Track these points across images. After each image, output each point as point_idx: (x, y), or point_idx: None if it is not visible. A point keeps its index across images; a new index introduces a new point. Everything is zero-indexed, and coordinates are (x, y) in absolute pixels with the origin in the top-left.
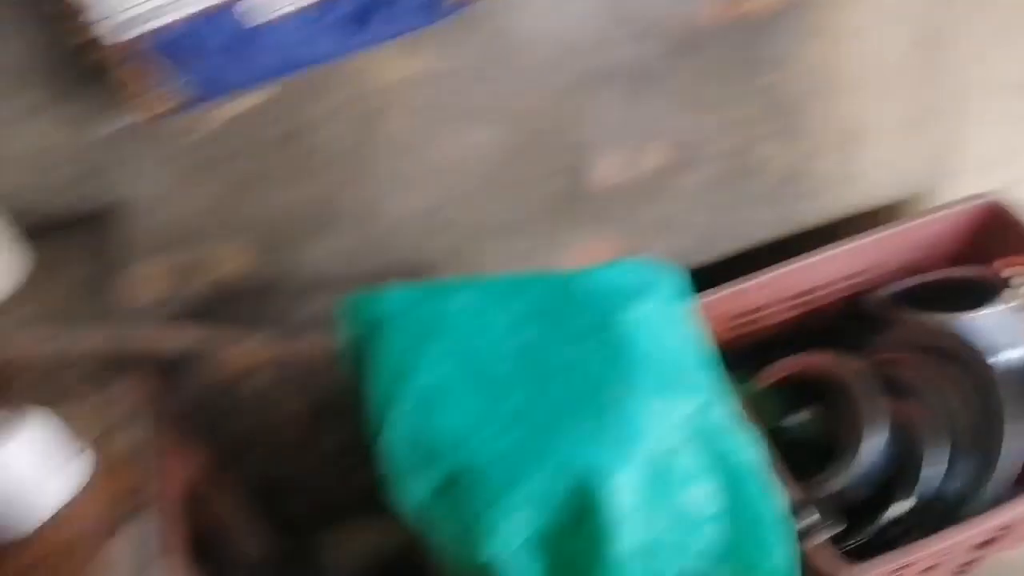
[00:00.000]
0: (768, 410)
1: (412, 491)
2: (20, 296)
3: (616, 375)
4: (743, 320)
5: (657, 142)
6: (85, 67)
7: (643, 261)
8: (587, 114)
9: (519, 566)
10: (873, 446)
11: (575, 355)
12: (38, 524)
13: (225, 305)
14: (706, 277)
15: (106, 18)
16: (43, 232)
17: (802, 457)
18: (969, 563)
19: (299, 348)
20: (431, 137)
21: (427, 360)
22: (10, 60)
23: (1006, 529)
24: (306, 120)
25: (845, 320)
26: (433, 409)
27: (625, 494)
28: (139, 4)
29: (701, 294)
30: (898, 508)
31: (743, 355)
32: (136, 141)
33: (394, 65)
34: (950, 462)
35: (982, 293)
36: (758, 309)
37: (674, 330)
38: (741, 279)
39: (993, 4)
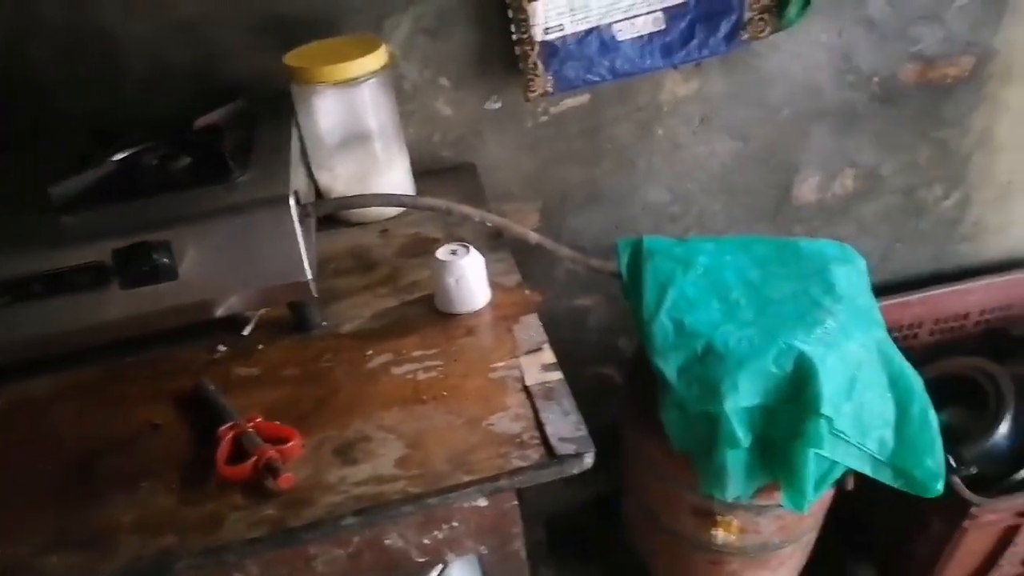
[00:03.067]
0: None
1: (672, 360)
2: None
3: (825, 303)
4: (902, 335)
5: (849, 172)
6: (506, 58)
7: (842, 244)
8: (802, 142)
9: (746, 421)
10: (1005, 430)
11: (794, 288)
12: (479, 306)
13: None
14: None
15: (536, 24)
16: (431, 173)
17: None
18: None
19: (592, 263)
20: (688, 143)
21: (682, 280)
22: (457, 48)
23: None
24: (606, 118)
25: (987, 345)
26: (688, 310)
27: (831, 382)
28: (558, 17)
29: None
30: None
31: None
32: (499, 119)
33: (680, 84)
34: None
35: None
36: (915, 326)
37: (863, 290)
38: (901, 294)
39: None
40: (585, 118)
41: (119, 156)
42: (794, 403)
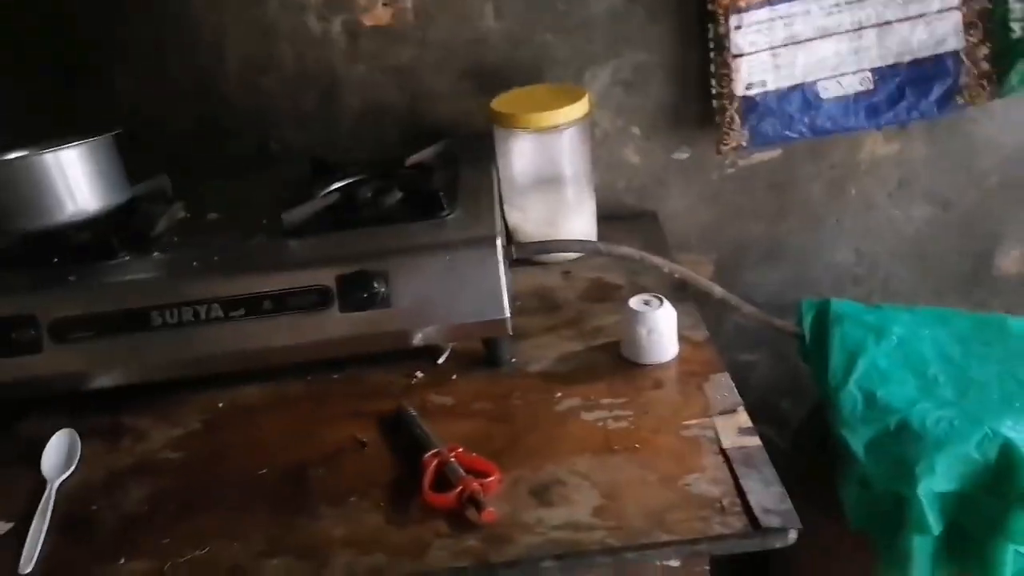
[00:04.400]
0: None
1: (861, 433)
2: None
3: None
4: None
5: None
6: (700, 110)
7: None
8: (1008, 213)
9: (938, 506)
10: None
11: (999, 370)
12: (668, 359)
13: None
14: None
15: (738, 80)
16: (614, 218)
17: None
18: None
19: (775, 323)
20: (883, 205)
21: (874, 350)
22: (652, 100)
23: None
24: (796, 174)
25: None
26: (881, 383)
27: None
28: (762, 73)
29: None
30: None
31: None
32: (684, 170)
33: (880, 145)
34: None
35: None
36: None
37: None
38: None
39: None
40: (774, 173)
41: (339, 186)
42: (996, 493)
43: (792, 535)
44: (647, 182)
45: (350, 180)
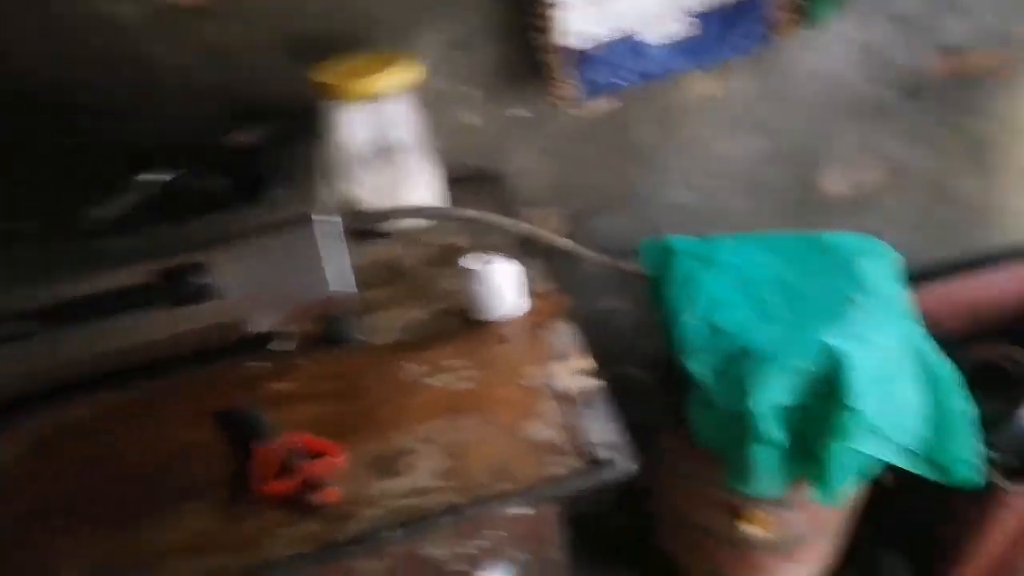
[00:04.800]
0: None
1: (703, 361)
2: None
3: (854, 297)
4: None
5: (878, 165)
6: (530, 66)
7: (869, 236)
8: (829, 137)
9: (777, 418)
10: None
11: (823, 284)
12: (512, 313)
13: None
14: None
15: (557, 31)
16: (459, 181)
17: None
18: None
19: (621, 266)
20: (713, 142)
21: (708, 279)
22: (485, 60)
23: None
24: (633, 122)
25: (1015, 330)
26: (718, 310)
27: (860, 375)
28: (584, 24)
29: None
30: None
31: None
32: (526, 127)
33: (705, 84)
34: None
35: None
36: (939, 315)
37: (893, 282)
38: (930, 283)
39: None
40: (612, 123)
41: (156, 177)
42: (825, 399)
43: (629, 465)
44: (490, 142)
45: (169, 170)
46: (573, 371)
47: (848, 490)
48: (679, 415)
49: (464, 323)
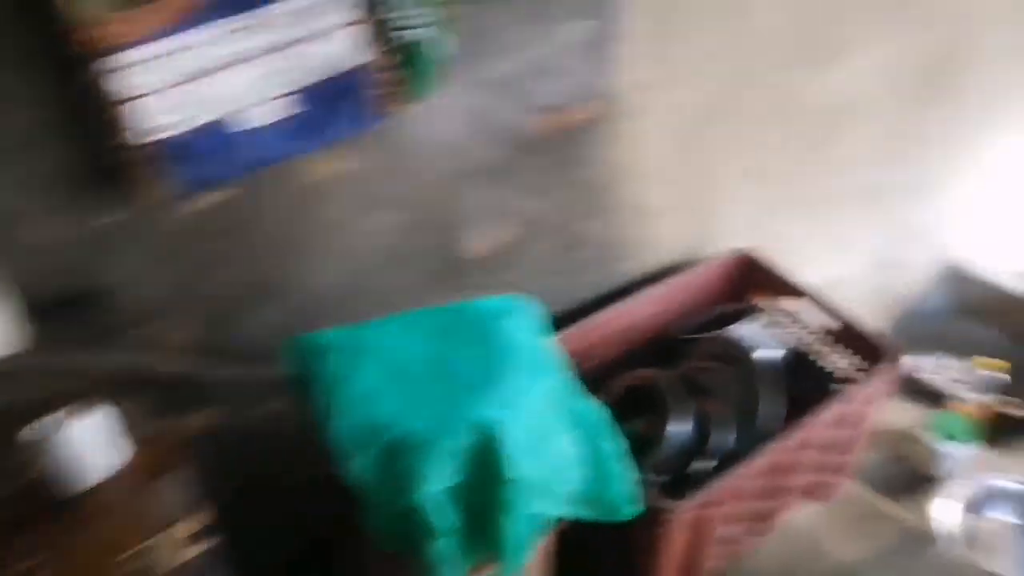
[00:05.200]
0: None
1: (361, 462)
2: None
3: (500, 364)
4: (585, 357)
5: (510, 222)
6: (104, 167)
7: (510, 296)
8: (462, 201)
9: (445, 506)
10: (680, 430)
11: (472, 354)
12: (105, 476)
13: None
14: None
15: (137, 126)
16: (45, 306)
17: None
18: (762, 518)
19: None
20: (350, 221)
21: (358, 372)
22: (39, 169)
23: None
24: (258, 209)
25: (658, 349)
26: (367, 404)
27: (514, 442)
28: (165, 117)
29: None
30: (701, 466)
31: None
32: (122, 233)
33: (329, 164)
34: (732, 431)
35: (746, 315)
36: (596, 345)
37: (535, 337)
38: (577, 323)
39: (737, 116)
40: (235, 213)
41: None
42: (487, 474)
43: None
44: (82, 257)
45: None
46: (182, 539)
47: (529, 555)
48: (356, 520)
49: (41, 504)
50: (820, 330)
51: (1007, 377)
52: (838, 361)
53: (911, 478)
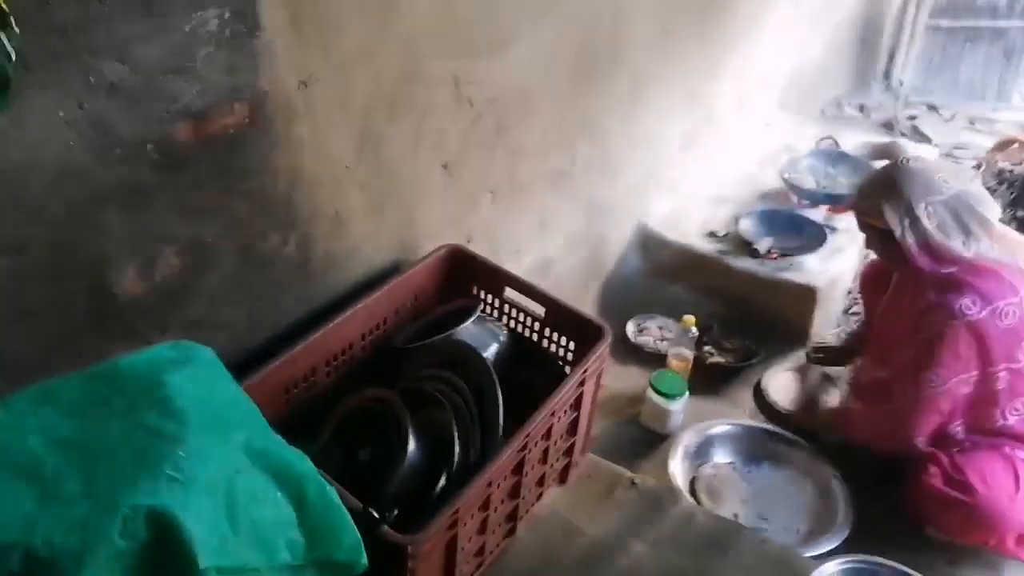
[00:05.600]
0: (335, 456)
1: None
2: None
3: (169, 430)
4: (300, 388)
5: (169, 251)
6: None
7: (176, 343)
8: (97, 234)
9: None
10: (413, 449)
11: (128, 424)
12: None
13: None
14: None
15: None
16: None
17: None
18: (511, 518)
19: None
20: None
21: None
22: None
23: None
24: None
25: (381, 363)
26: None
27: (201, 523)
28: None
29: (251, 375)
30: (441, 484)
31: (311, 418)
32: None
33: None
34: (469, 440)
35: (465, 313)
36: (310, 374)
37: (212, 387)
38: (283, 352)
39: (414, 110)
40: None
41: None
42: (172, 567)
43: None
44: None
45: None
46: None
47: None
48: None
49: None
50: (535, 317)
51: (696, 331)
52: (555, 346)
53: (646, 438)
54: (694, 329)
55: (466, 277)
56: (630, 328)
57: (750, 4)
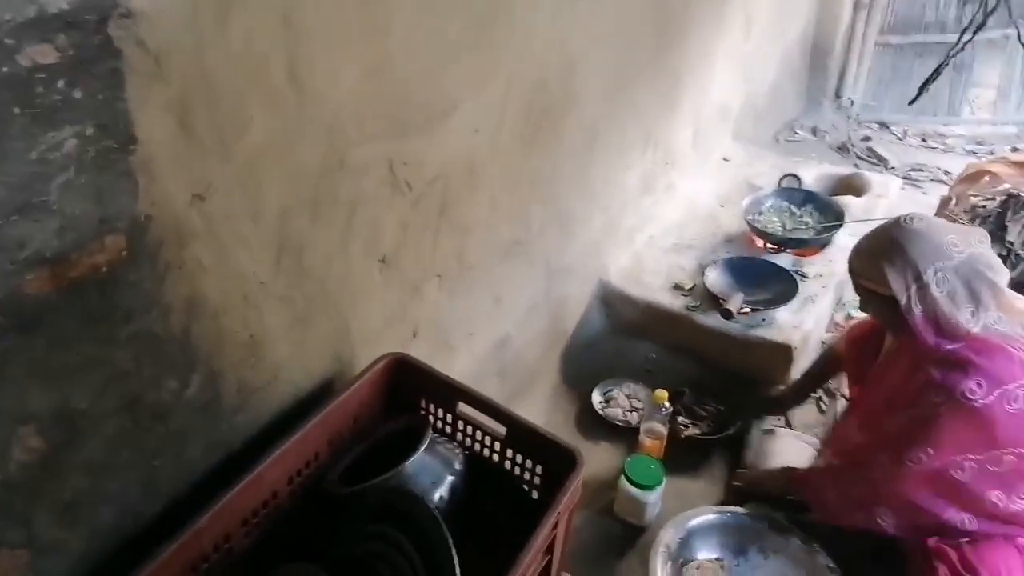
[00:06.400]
0: None
1: None
2: None
3: None
4: (212, 562)
5: (29, 430)
6: None
7: None
8: None
9: None
10: None
11: None
12: None
13: None
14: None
15: None
16: None
17: None
18: None
19: None
20: None
21: None
22: None
23: None
24: None
25: (312, 512)
26: None
27: None
28: None
29: (147, 562)
30: None
31: None
32: None
33: None
34: None
35: (412, 436)
36: (223, 542)
37: None
38: (188, 524)
39: (333, 209)
40: None
41: None
42: None
43: None
44: None
45: None
46: None
47: None
48: None
49: None
50: (495, 435)
51: (669, 406)
52: (518, 468)
53: (621, 533)
54: (667, 404)
55: (413, 389)
56: (596, 398)
57: (702, 35)
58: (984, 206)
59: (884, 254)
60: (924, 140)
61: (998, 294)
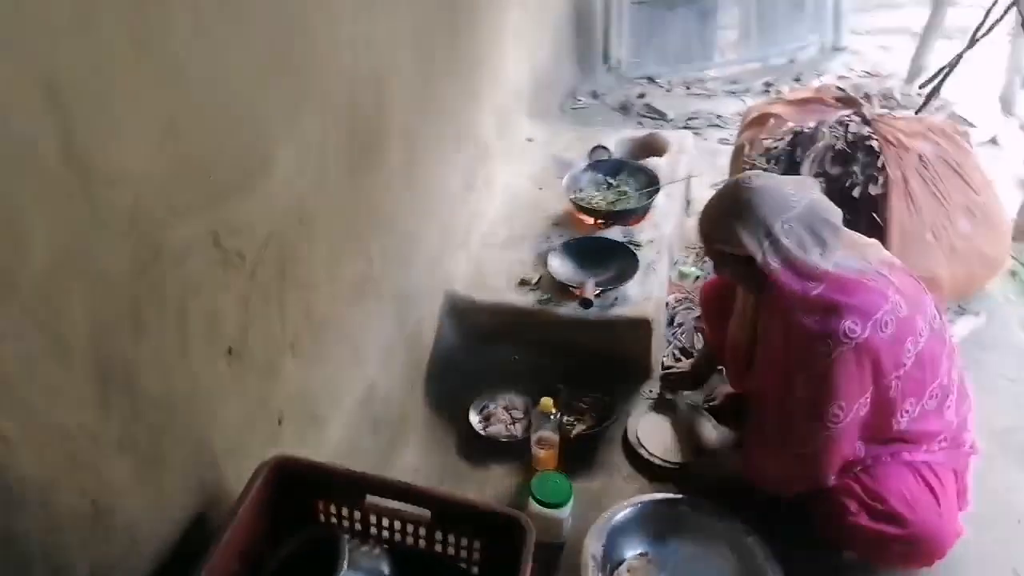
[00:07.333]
0: None
1: None
2: None
3: None
4: None
5: None
6: None
7: None
8: None
9: None
10: None
11: None
12: None
13: None
14: None
15: None
16: None
17: None
18: None
19: None
20: None
21: None
22: None
23: None
24: None
25: None
26: None
27: None
28: None
29: None
30: None
31: None
32: None
33: None
34: None
35: (326, 548)
36: None
37: None
38: None
39: (159, 311)
40: None
41: None
42: None
43: None
44: None
45: None
46: None
47: None
48: None
49: None
50: (418, 520)
51: (556, 412)
52: (453, 548)
53: (541, 555)
54: (554, 411)
55: (306, 493)
56: (474, 420)
57: (489, 17)
58: (776, 146)
59: (734, 215)
60: (688, 88)
61: (839, 233)
